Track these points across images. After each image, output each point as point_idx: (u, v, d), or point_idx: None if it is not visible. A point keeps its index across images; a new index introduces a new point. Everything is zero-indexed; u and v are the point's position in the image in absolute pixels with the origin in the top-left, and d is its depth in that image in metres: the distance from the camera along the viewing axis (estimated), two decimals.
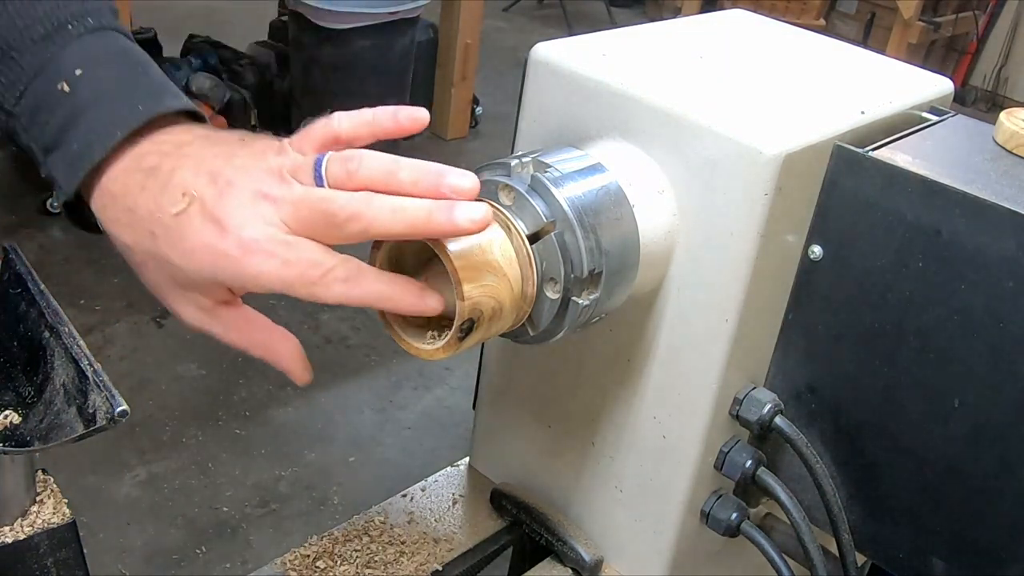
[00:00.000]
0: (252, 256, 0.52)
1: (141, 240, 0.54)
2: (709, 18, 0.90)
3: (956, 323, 0.62)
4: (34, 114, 0.55)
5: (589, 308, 0.61)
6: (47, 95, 0.55)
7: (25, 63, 0.55)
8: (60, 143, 0.55)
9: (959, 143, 0.71)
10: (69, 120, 0.55)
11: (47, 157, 0.56)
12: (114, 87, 0.56)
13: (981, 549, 0.65)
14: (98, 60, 0.56)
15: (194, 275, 0.54)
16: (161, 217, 0.53)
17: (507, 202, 0.61)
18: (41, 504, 0.55)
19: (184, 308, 0.56)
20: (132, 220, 0.54)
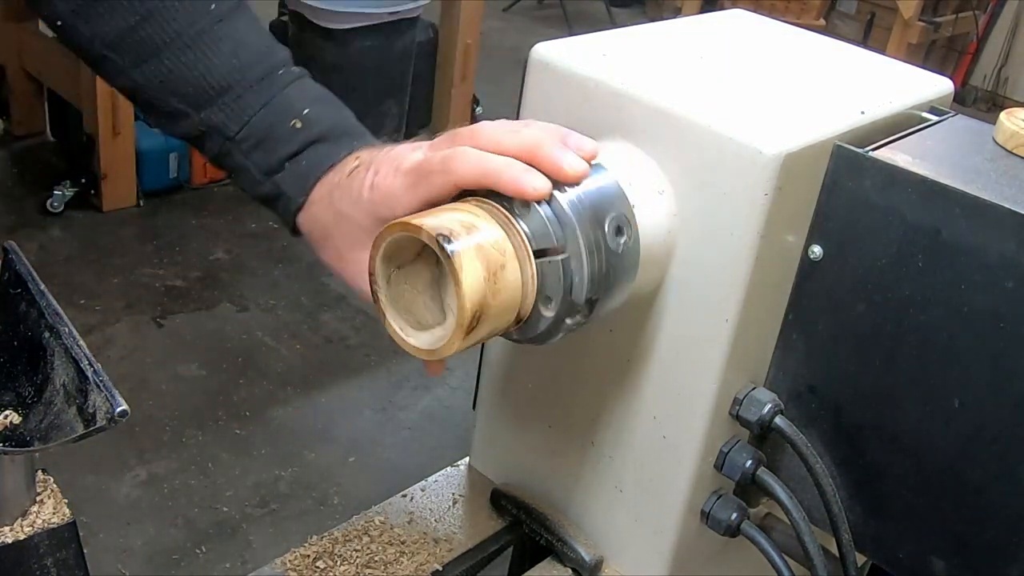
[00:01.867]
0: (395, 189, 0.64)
1: (343, 202, 0.67)
2: (709, 18, 0.90)
3: (956, 323, 0.62)
4: (261, 142, 0.70)
5: (578, 325, 0.61)
6: (278, 129, 0.70)
7: (250, 100, 0.70)
8: (288, 165, 0.70)
9: (959, 143, 0.71)
10: (300, 149, 0.70)
11: (271, 177, 0.70)
12: (334, 126, 0.71)
13: (981, 549, 0.65)
14: (317, 101, 0.72)
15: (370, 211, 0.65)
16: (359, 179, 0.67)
17: (521, 211, 0.60)
18: (41, 504, 0.55)
19: (362, 275, 0.64)
20: (340, 192, 0.68)
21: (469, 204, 0.61)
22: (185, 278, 2.75)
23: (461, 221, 0.58)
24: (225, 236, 2.92)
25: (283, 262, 2.85)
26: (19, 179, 3.12)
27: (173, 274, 2.76)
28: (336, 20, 2.85)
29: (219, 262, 2.84)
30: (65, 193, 2.92)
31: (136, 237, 2.92)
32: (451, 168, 0.60)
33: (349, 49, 2.91)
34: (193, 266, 2.81)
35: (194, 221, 2.99)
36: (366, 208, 0.65)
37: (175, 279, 2.74)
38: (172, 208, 3.05)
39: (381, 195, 0.64)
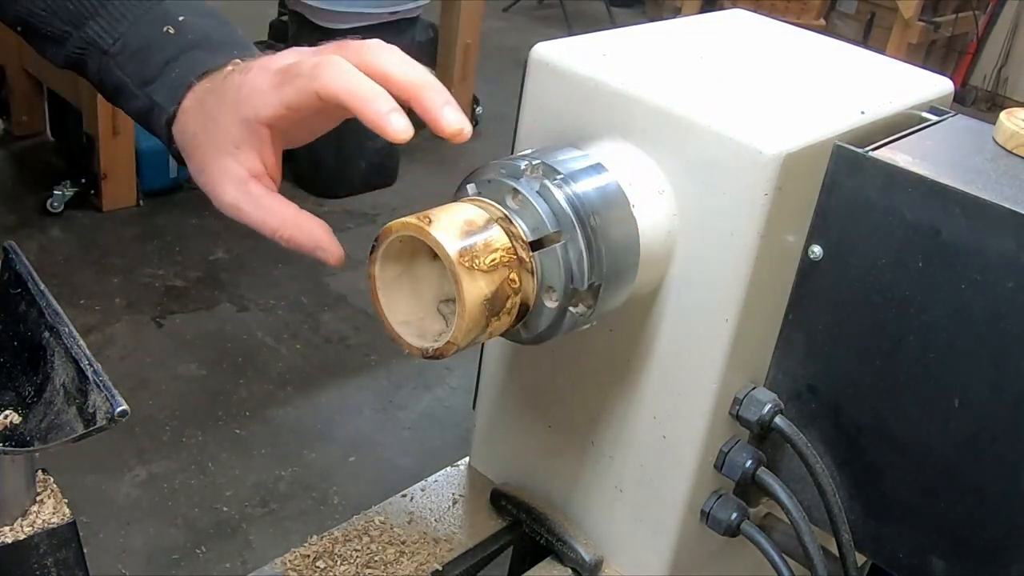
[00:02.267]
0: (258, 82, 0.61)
1: (213, 100, 0.64)
2: (709, 18, 0.90)
3: (956, 323, 0.62)
4: (136, 53, 0.67)
5: (584, 317, 0.61)
6: (151, 37, 0.67)
7: (125, 10, 0.67)
8: (162, 74, 0.66)
9: (959, 143, 0.71)
10: (173, 56, 0.66)
11: (145, 87, 0.67)
12: (212, 35, 0.68)
13: (981, 549, 0.65)
14: (196, 11, 0.68)
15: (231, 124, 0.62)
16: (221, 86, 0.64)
17: (514, 206, 0.60)
18: (41, 504, 0.55)
19: (224, 185, 0.63)
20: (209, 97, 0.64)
21: (467, 204, 0.61)
22: (185, 278, 2.75)
23: (461, 220, 0.58)
24: (225, 236, 2.92)
25: (283, 262, 2.85)
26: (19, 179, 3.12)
27: (173, 274, 2.76)
28: (336, 20, 2.86)
29: (219, 262, 2.84)
30: (65, 193, 2.92)
31: (136, 237, 2.92)
32: (318, 75, 0.58)
33: None
34: (193, 266, 2.81)
35: (194, 221, 2.99)
36: (230, 108, 0.62)
37: (175, 279, 2.74)
38: (172, 208, 3.05)
39: (246, 92, 0.61)
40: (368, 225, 3.00)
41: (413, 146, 3.51)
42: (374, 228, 0.64)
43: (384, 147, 3.17)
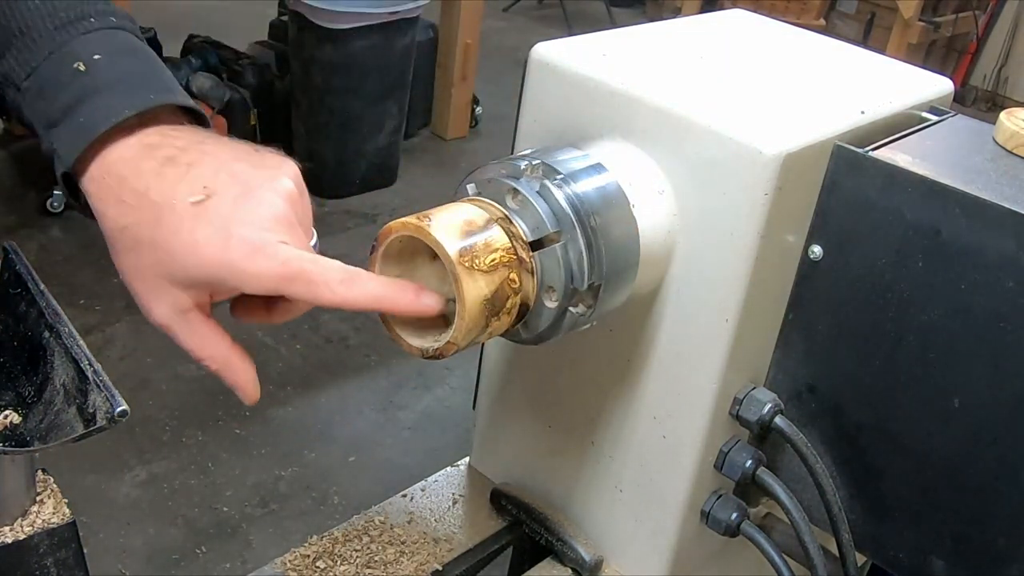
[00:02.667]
0: (257, 255, 0.53)
1: (142, 223, 0.55)
2: (709, 18, 0.90)
3: (956, 323, 0.62)
4: (43, 89, 0.58)
5: (584, 317, 0.61)
6: (60, 73, 0.58)
7: (42, 44, 0.58)
8: (67, 117, 0.57)
9: (959, 143, 0.71)
10: (79, 98, 0.57)
11: (50, 131, 0.57)
12: (128, 75, 0.58)
13: (981, 549, 0.65)
14: (116, 51, 0.59)
15: (192, 268, 0.54)
16: (176, 204, 0.54)
17: (513, 206, 0.60)
18: (41, 504, 0.55)
19: (159, 305, 0.56)
20: (140, 202, 0.55)
21: (467, 204, 0.61)
22: None
23: (461, 220, 0.58)
24: None
25: None
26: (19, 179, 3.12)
27: None
28: (336, 20, 2.85)
29: None
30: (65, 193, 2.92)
31: None
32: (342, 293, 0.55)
33: (349, 49, 2.91)
34: None
35: None
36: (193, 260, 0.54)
37: None
38: None
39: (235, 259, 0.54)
40: (368, 225, 3.00)
41: (413, 146, 3.52)
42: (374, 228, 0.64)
43: (384, 147, 3.17)
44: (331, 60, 2.92)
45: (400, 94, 3.13)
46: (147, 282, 0.56)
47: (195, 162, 0.56)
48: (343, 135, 3.06)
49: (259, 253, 0.53)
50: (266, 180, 0.56)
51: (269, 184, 0.56)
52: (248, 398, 0.59)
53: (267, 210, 0.55)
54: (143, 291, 0.56)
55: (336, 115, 3.02)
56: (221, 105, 2.92)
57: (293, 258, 0.54)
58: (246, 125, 3.03)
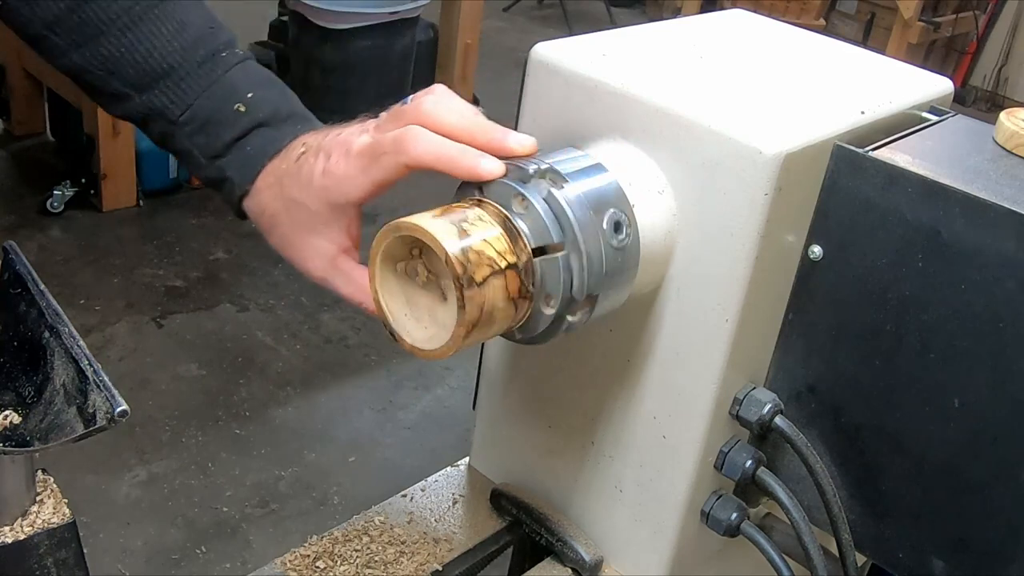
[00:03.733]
0: (346, 171, 0.64)
1: (293, 188, 0.67)
2: (709, 18, 0.90)
3: (956, 323, 0.62)
4: (204, 126, 0.69)
5: (580, 324, 0.61)
6: (221, 113, 0.69)
7: (192, 82, 0.69)
8: (232, 150, 0.69)
9: (959, 143, 0.71)
10: (244, 133, 0.69)
11: (215, 161, 0.69)
12: (279, 109, 0.71)
13: (981, 549, 0.65)
14: (261, 85, 0.71)
15: (319, 207, 0.66)
16: (310, 165, 0.66)
17: (519, 210, 0.60)
18: (41, 504, 0.55)
19: (312, 260, 0.67)
20: (290, 179, 0.67)
21: (467, 204, 0.61)
22: (185, 278, 2.75)
23: (461, 221, 0.58)
24: (225, 236, 2.92)
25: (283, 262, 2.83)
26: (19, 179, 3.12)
27: (173, 274, 2.76)
28: (336, 20, 2.86)
29: (219, 262, 2.84)
30: (65, 193, 2.92)
31: (136, 237, 2.92)
32: (404, 149, 0.61)
33: (349, 49, 2.91)
34: (193, 266, 2.81)
35: (194, 221, 2.99)
36: (318, 194, 0.65)
37: (175, 279, 2.74)
38: (172, 208, 3.05)
39: (334, 180, 0.65)
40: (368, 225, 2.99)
41: None
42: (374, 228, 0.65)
43: None
44: (331, 60, 2.92)
45: (400, 94, 3.13)
46: (298, 243, 0.68)
47: (322, 145, 0.67)
48: None
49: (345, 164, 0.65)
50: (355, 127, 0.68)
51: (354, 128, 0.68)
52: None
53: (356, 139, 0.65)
54: (298, 254, 0.68)
55: (336, 115, 3.00)
56: None
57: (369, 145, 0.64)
58: None
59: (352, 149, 0.64)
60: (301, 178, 0.66)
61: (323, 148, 0.66)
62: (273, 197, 0.68)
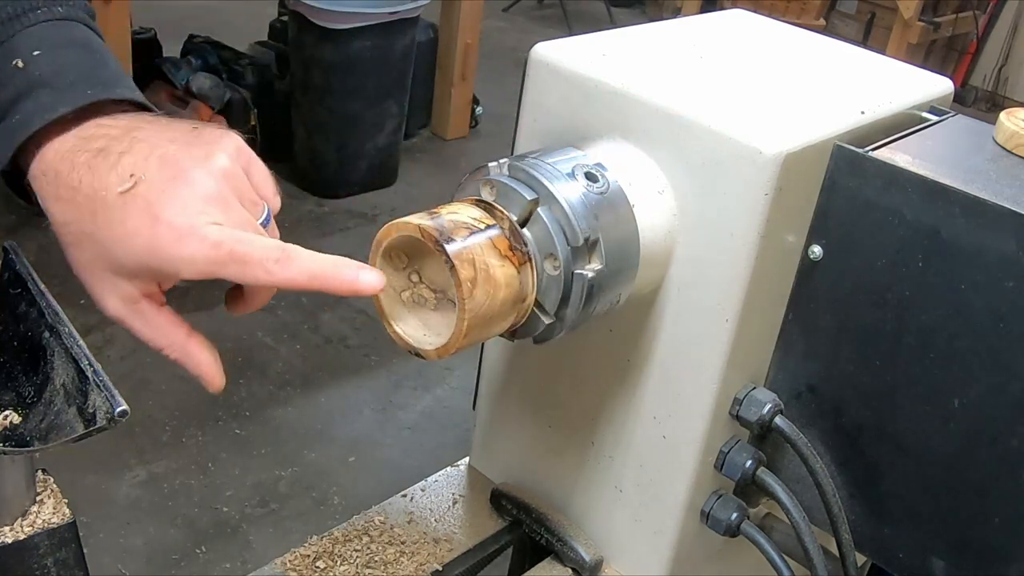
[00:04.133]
0: (186, 239, 0.52)
1: (81, 218, 0.54)
2: (709, 18, 0.90)
3: (956, 323, 0.62)
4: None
5: (596, 281, 0.61)
6: (1, 72, 0.55)
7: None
8: (6, 116, 0.55)
9: (959, 143, 0.71)
10: (18, 95, 0.55)
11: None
12: (68, 70, 0.56)
13: (981, 549, 0.65)
14: (58, 45, 0.57)
15: (127, 258, 0.53)
16: (105, 196, 0.53)
17: (490, 197, 0.61)
18: (41, 504, 0.55)
19: (109, 297, 0.56)
20: (74, 197, 0.54)
21: (466, 204, 0.61)
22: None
23: (461, 222, 0.58)
24: None
25: None
26: None
27: None
28: (336, 20, 2.85)
29: None
30: None
31: None
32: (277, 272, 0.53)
33: (349, 49, 2.91)
34: None
35: None
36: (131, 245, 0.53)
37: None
38: None
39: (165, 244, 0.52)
40: (368, 225, 3.00)
41: (413, 146, 3.52)
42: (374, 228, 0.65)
43: (384, 147, 3.17)
44: (331, 60, 2.92)
45: (400, 94, 3.13)
46: (94, 276, 0.56)
47: (126, 150, 0.54)
48: (343, 135, 3.05)
49: (187, 237, 0.52)
50: (199, 159, 0.54)
51: (201, 163, 0.54)
52: (211, 385, 0.59)
53: (197, 190, 0.53)
54: (92, 285, 0.56)
55: (336, 115, 3.02)
56: (221, 105, 2.92)
57: (224, 239, 0.52)
58: (246, 125, 3.03)
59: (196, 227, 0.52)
60: (116, 217, 0.52)
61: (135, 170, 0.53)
62: (58, 206, 0.54)
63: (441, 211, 0.59)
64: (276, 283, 0.53)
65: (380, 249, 0.60)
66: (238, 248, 0.52)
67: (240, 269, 0.53)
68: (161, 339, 0.58)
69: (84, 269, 0.56)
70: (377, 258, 0.60)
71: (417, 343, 0.60)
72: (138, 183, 0.53)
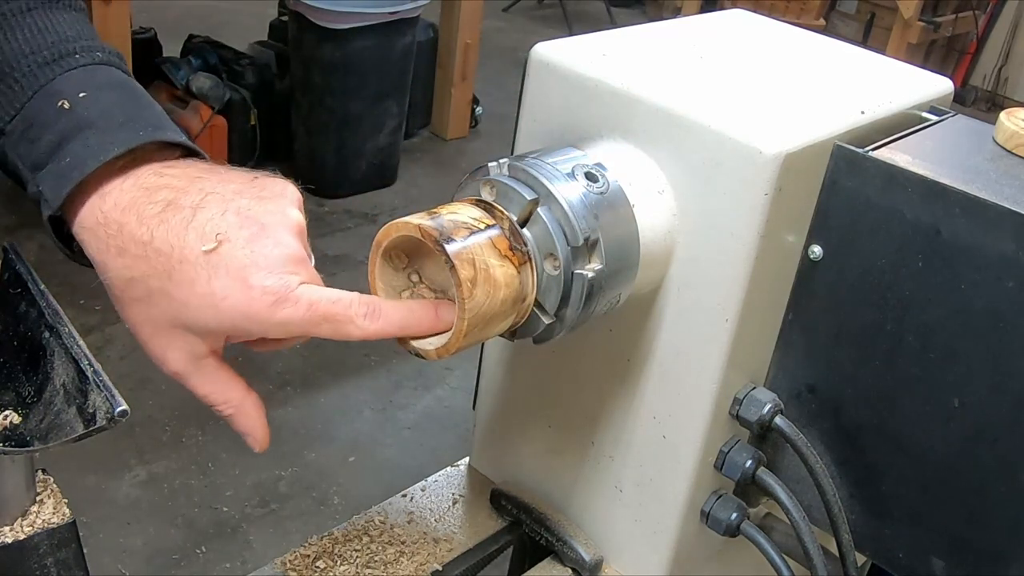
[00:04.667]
0: (282, 304, 0.52)
1: (153, 274, 0.52)
2: (709, 18, 0.90)
3: (956, 323, 0.62)
4: (26, 131, 0.54)
5: (596, 280, 0.61)
6: (44, 112, 0.54)
7: (26, 84, 0.55)
8: (52, 158, 0.53)
9: (959, 143, 0.71)
10: (65, 137, 0.53)
11: (36, 174, 0.54)
12: (115, 111, 0.55)
13: (981, 549, 0.65)
14: (102, 87, 0.56)
15: (211, 318, 0.52)
16: (187, 254, 0.52)
17: (489, 197, 0.61)
18: (41, 504, 0.55)
19: (174, 353, 0.54)
20: (145, 252, 0.52)
21: (466, 204, 0.61)
22: None
23: (461, 222, 0.58)
24: None
25: None
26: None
27: None
28: (336, 20, 2.85)
29: None
30: None
31: None
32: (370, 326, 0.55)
33: (349, 49, 2.91)
34: None
35: None
36: (208, 312, 0.52)
37: None
38: None
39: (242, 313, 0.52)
40: (368, 225, 3.00)
41: (413, 146, 3.52)
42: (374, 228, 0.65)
43: (384, 147, 3.17)
44: (331, 60, 2.92)
45: (400, 94, 3.13)
46: (160, 332, 0.54)
47: (199, 205, 0.53)
48: (343, 135, 3.06)
49: (283, 301, 0.52)
50: (276, 215, 0.54)
51: (279, 219, 0.54)
52: (260, 445, 0.59)
53: (283, 251, 0.53)
54: (156, 342, 0.54)
55: (336, 115, 3.02)
56: (221, 105, 2.93)
57: (317, 301, 0.53)
58: (246, 125, 3.03)
59: (290, 294, 0.52)
60: (202, 277, 0.51)
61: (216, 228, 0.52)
62: (121, 260, 0.53)
63: (441, 211, 0.59)
64: (367, 337, 0.54)
65: (380, 249, 0.60)
66: (331, 309, 0.53)
67: (333, 328, 0.53)
68: (220, 395, 0.57)
69: (147, 324, 0.54)
70: (377, 258, 0.60)
71: (417, 343, 0.60)
72: (222, 243, 0.52)
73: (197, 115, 2.90)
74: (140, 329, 0.55)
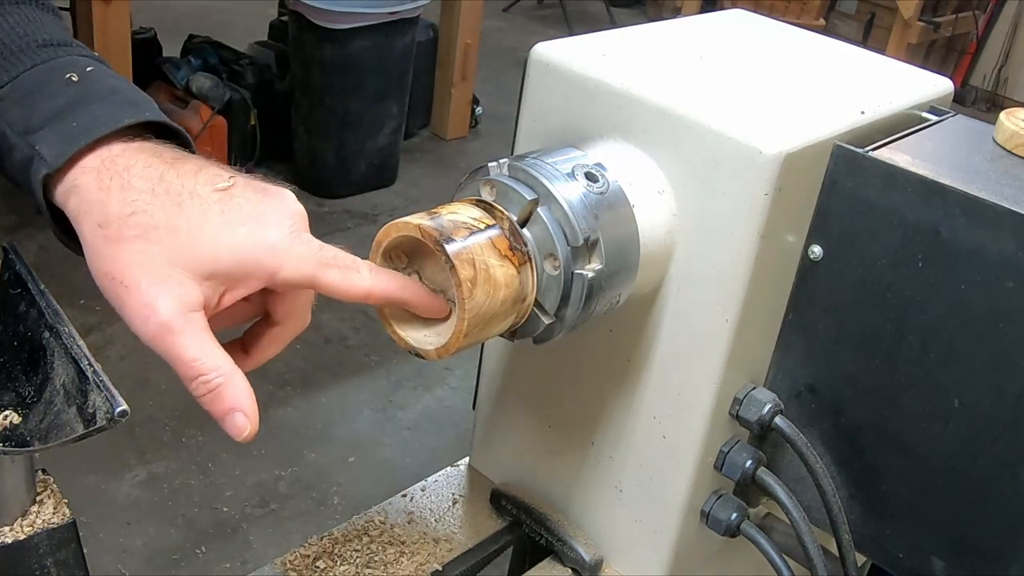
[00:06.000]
0: (296, 240, 0.53)
1: (158, 207, 0.51)
2: (709, 18, 0.90)
3: (956, 323, 0.62)
4: (24, 97, 0.54)
5: (596, 280, 0.61)
6: (48, 83, 0.55)
7: (24, 58, 0.55)
8: (53, 122, 0.53)
9: (959, 143, 0.71)
10: (71, 105, 0.54)
11: (28, 136, 0.53)
12: (125, 91, 0.56)
13: (981, 549, 0.65)
14: (108, 73, 0.57)
15: (224, 251, 0.51)
16: (199, 190, 0.52)
17: (489, 197, 0.61)
18: (41, 504, 0.55)
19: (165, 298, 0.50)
20: (153, 187, 0.51)
21: (465, 204, 0.61)
22: None
23: (461, 222, 0.58)
24: None
25: None
26: None
27: None
28: (336, 20, 2.85)
29: None
30: None
31: None
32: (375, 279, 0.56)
33: (349, 49, 2.91)
34: None
35: None
36: (220, 239, 0.51)
37: None
38: None
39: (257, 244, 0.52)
40: (368, 225, 3.00)
41: (413, 146, 3.52)
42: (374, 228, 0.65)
43: (384, 147, 3.17)
44: (331, 60, 2.92)
45: (400, 94, 3.13)
46: (154, 274, 0.50)
47: (205, 166, 0.54)
48: (343, 135, 3.06)
49: (297, 238, 0.53)
50: (278, 197, 0.55)
51: (282, 201, 0.55)
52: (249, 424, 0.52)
53: (291, 207, 0.54)
54: (148, 282, 0.50)
55: (336, 115, 3.02)
56: (221, 105, 2.92)
57: (326, 247, 0.55)
58: (246, 125, 3.03)
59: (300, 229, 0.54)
60: (214, 210, 0.51)
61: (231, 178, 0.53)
62: (124, 194, 0.51)
63: (441, 211, 0.59)
64: (371, 291, 0.56)
65: (380, 249, 0.60)
66: (340, 254, 0.55)
67: (341, 274, 0.55)
68: (208, 361, 0.51)
69: (141, 267, 0.51)
70: (377, 258, 0.60)
71: (417, 343, 0.60)
72: (235, 184, 0.53)
73: (197, 115, 2.90)
74: (131, 273, 0.51)
